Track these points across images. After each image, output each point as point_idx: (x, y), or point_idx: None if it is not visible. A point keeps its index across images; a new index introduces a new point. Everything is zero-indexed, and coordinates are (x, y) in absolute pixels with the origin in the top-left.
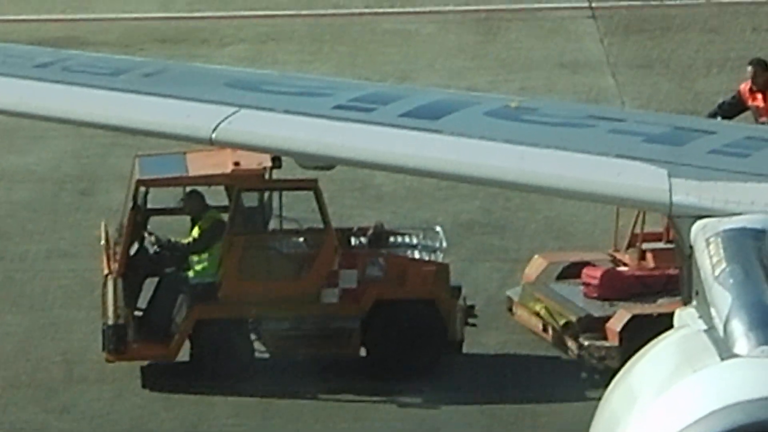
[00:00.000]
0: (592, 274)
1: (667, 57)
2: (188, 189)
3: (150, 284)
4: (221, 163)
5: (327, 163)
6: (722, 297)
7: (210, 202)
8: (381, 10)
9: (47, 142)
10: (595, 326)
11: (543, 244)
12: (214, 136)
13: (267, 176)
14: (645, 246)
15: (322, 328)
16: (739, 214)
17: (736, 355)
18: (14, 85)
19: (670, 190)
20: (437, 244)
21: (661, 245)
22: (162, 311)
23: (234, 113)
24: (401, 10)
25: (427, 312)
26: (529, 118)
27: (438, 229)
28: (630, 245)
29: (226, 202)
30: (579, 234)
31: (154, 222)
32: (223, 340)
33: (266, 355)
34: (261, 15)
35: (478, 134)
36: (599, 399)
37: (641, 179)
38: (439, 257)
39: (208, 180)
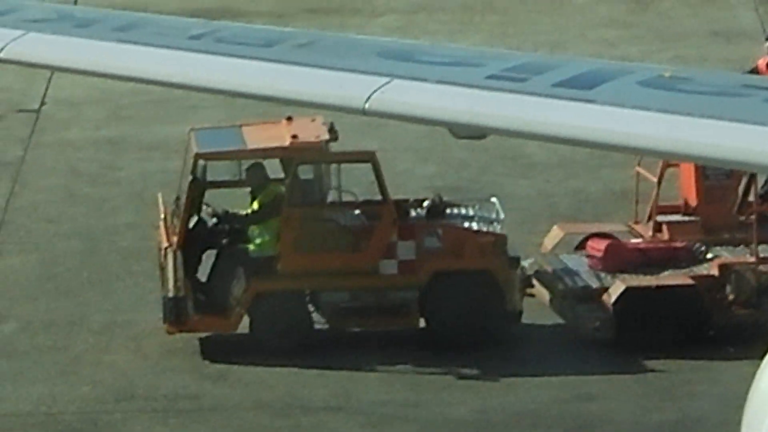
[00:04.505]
0: (596, 246)
1: None
2: (250, 162)
3: (209, 257)
4: (279, 136)
5: (480, 133)
6: None
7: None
8: None
9: (200, 112)
10: (593, 297)
11: None
12: (367, 106)
13: (325, 148)
14: (660, 218)
15: (380, 300)
16: None
17: None
18: (168, 57)
19: None
20: (494, 215)
21: (677, 218)
22: (221, 284)
23: (387, 83)
24: None
25: (484, 283)
26: (683, 88)
27: (494, 200)
28: (650, 217)
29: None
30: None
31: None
32: (282, 313)
33: (325, 327)
34: None
35: (632, 104)
36: None
37: None
38: (497, 228)
39: (267, 153)
